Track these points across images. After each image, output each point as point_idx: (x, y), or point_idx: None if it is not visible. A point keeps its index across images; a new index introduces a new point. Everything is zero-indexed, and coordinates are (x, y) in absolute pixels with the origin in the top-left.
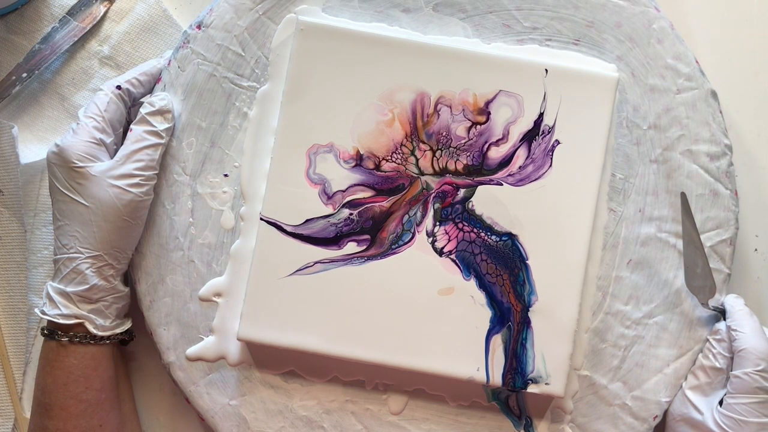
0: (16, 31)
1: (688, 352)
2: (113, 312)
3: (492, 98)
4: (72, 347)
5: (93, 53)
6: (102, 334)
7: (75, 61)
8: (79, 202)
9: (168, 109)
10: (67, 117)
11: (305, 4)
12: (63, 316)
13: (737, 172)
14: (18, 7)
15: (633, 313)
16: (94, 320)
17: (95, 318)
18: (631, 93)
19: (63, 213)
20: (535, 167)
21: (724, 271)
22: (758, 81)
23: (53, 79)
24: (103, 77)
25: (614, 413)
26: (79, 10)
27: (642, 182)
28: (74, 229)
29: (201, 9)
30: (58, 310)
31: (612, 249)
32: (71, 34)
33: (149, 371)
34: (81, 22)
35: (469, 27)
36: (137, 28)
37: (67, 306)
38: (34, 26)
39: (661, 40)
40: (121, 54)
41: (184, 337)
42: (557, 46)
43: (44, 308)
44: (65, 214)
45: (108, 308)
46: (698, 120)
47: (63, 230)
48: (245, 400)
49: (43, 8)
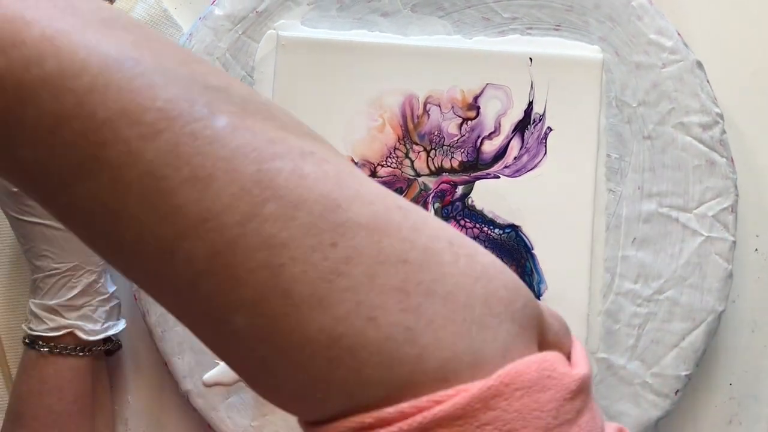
0: None
1: (702, 323)
2: (102, 315)
3: (480, 92)
4: (51, 357)
5: None
6: (94, 339)
7: None
8: (38, 224)
9: None
10: None
11: (284, 19)
12: (51, 329)
13: (738, 169)
14: None
15: (643, 290)
16: (82, 327)
17: (84, 324)
18: (618, 72)
19: (26, 237)
20: (530, 157)
21: (726, 269)
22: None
23: None
24: None
25: (635, 392)
26: None
27: (637, 160)
28: (43, 249)
29: (201, 9)
30: (45, 324)
31: (615, 229)
32: None
33: (149, 371)
34: None
35: (449, 24)
36: None
37: (53, 319)
38: None
39: (641, 16)
40: None
41: (200, 364)
42: (539, 33)
43: (30, 325)
44: (28, 237)
45: (95, 312)
46: (687, 92)
47: (32, 252)
48: (267, 420)
49: None
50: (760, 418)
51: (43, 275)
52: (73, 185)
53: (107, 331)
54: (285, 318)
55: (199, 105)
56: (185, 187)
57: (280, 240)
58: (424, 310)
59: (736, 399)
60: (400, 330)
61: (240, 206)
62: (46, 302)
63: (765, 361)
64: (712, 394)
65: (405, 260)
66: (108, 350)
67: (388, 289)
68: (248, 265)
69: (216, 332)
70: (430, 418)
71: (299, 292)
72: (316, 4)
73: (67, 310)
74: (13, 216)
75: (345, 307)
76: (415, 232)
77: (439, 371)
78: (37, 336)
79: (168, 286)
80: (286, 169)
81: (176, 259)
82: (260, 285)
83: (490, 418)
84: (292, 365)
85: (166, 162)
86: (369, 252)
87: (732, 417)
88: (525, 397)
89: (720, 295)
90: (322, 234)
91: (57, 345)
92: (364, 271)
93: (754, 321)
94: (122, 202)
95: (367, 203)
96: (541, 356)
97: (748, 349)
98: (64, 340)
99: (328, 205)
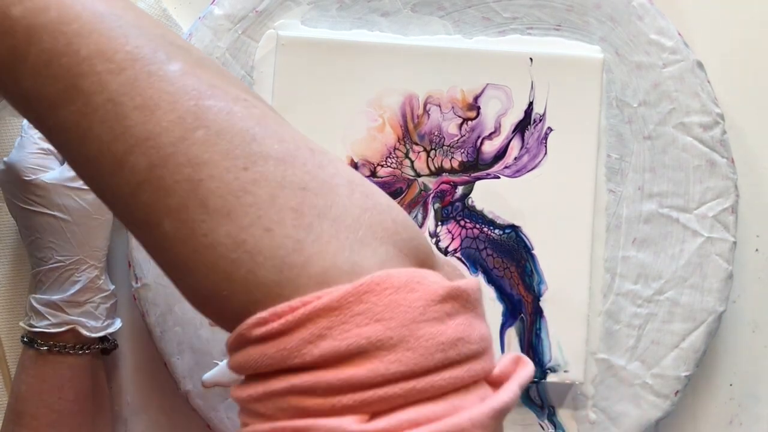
0: None
1: (702, 324)
2: (103, 312)
3: (480, 92)
4: (50, 356)
5: None
6: (95, 336)
7: None
8: (45, 214)
9: None
10: None
11: (284, 19)
12: (53, 325)
13: (739, 170)
14: None
15: (643, 291)
16: (84, 323)
17: (86, 321)
18: (618, 72)
19: (31, 228)
20: (530, 157)
21: (726, 270)
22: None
23: None
24: None
25: (635, 393)
26: None
27: (638, 160)
28: (48, 241)
29: (201, 9)
30: (47, 320)
31: (615, 230)
32: None
33: (148, 372)
34: None
35: (449, 24)
36: None
37: (55, 315)
38: None
39: (641, 16)
40: None
41: (199, 365)
42: (539, 33)
43: (31, 321)
44: (34, 228)
45: (97, 309)
46: (687, 92)
47: (36, 244)
48: None
49: None
50: (761, 418)
51: (46, 268)
52: (57, 109)
53: (107, 329)
54: (201, 224)
55: (159, 53)
56: (136, 113)
57: (202, 160)
58: (313, 228)
59: (736, 399)
60: (290, 242)
61: (175, 130)
62: (48, 297)
63: (765, 361)
64: (712, 395)
65: (304, 188)
66: (104, 349)
67: (286, 208)
68: (175, 177)
69: (150, 236)
70: (311, 309)
71: (213, 203)
72: (316, 4)
73: (70, 306)
74: (19, 206)
75: (248, 219)
76: (319, 169)
77: (321, 276)
78: (36, 333)
79: (118, 194)
80: (218, 107)
81: (124, 170)
82: (183, 195)
83: (361, 309)
84: (205, 265)
85: (124, 92)
86: (274, 178)
87: (732, 417)
88: (394, 294)
89: (720, 295)
90: (237, 159)
91: (56, 343)
92: (267, 192)
93: (755, 321)
94: (89, 123)
95: (280, 140)
96: (413, 269)
97: (749, 349)
98: (64, 338)
99: (246, 138)
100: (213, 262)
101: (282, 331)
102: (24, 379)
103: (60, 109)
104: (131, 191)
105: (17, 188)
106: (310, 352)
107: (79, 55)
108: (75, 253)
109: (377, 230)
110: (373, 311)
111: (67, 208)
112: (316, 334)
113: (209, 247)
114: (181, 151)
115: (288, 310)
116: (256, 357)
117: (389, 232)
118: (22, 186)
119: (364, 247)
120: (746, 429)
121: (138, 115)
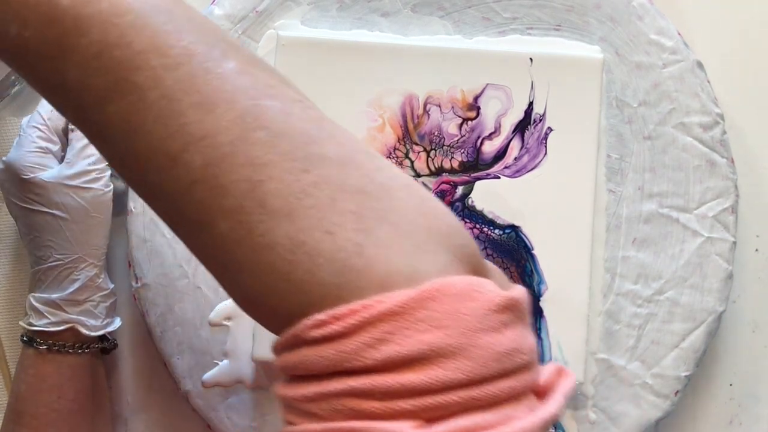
0: None
1: (702, 324)
2: (102, 311)
3: (480, 92)
4: (49, 356)
5: None
6: (94, 334)
7: None
8: (43, 212)
9: None
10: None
11: (284, 19)
12: (52, 324)
13: (738, 170)
14: None
15: (643, 291)
16: (84, 322)
17: (86, 320)
18: (618, 72)
19: (30, 226)
20: (530, 157)
21: (726, 270)
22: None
23: None
24: None
25: (635, 393)
26: None
27: (638, 160)
28: (46, 239)
29: (201, 9)
30: (47, 319)
31: (615, 230)
32: None
33: (149, 372)
34: None
35: (449, 24)
36: None
37: (55, 313)
38: None
39: (641, 16)
40: None
41: (199, 364)
42: (539, 33)
43: (30, 320)
44: (33, 227)
45: (96, 307)
46: (687, 92)
47: (35, 243)
48: (267, 420)
49: None
50: (761, 418)
51: (45, 267)
52: (106, 103)
53: (106, 328)
54: (259, 224)
55: (215, 50)
56: (192, 110)
57: (262, 161)
58: (374, 231)
59: (736, 399)
60: (351, 244)
61: (234, 129)
62: (47, 296)
63: (765, 361)
64: (712, 395)
65: (363, 191)
66: (104, 348)
67: (346, 211)
68: (233, 177)
69: (202, 236)
70: (373, 313)
71: (272, 204)
72: (316, 4)
73: (69, 305)
74: (18, 205)
75: (308, 221)
76: (377, 172)
77: (382, 279)
78: (36, 332)
79: (167, 192)
80: (277, 107)
81: (177, 168)
82: (240, 195)
83: (422, 316)
84: (261, 265)
85: (181, 88)
86: (334, 181)
87: (732, 417)
88: (454, 302)
89: (720, 295)
90: (297, 161)
91: (55, 342)
92: (328, 195)
93: (755, 321)
94: (142, 118)
95: (339, 144)
96: (471, 277)
97: (749, 349)
98: (63, 337)
99: (306, 140)
100: (270, 263)
101: (342, 334)
102: (24, 378)
103: (109, 103)
104: (183, 189)
105: (16, 187)
106: (371, 355)
107: (132, 49)
108: (74, 252)
109: (435, 235)
110: (434, 318)
111: (66, 206)
112: (378, 338)
113: (267, 248)
114: (240, 151)
115: (348, 313)
116: (313, 358)
117: (446, 238)
118: (21, 185)
119: (422, 252)
120: (746, 429)
121: (194, 112)
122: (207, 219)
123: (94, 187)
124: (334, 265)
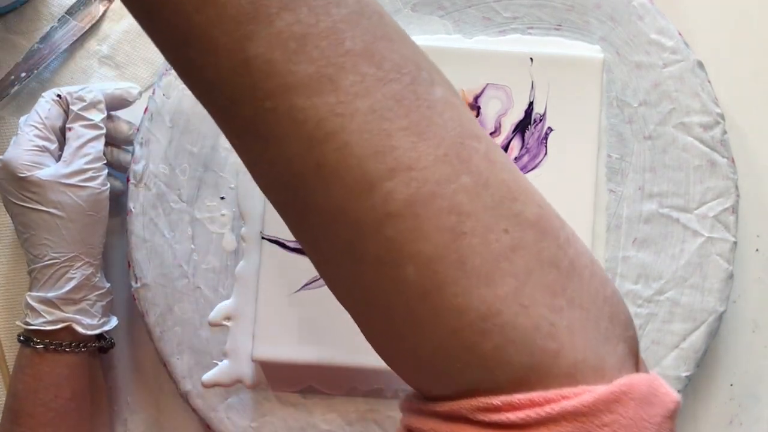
0: (15, 30)
1: (702, 324)
2: (99, 310)
3: (480, 92)
4: (47, 355)
5: (92, 53)
6: (91, 333)
7: (74, 60)
8: (40, 211)
9: (99, 100)
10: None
11: None
12: (49, 323)
13: (739, 170)
14: (17, 6)
15: (643, 291)
16: (80, 321)
17: (82, 318)
18: (618, 72)
19: (27, 225)
20: (530, 157)
21: (727, 270)
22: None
23: (52, 78)
24: (102, 77)
25: None
26: (77, 9)
27: (638, 160)
28: (43, 238)
29: None
30: (43, 317)
31: (616, 230)
32: (70, 34)
33: (148, 372)
34: (80, 22)
35: (449, 23)
36: (136, 27)
37: (51, 312)
38: (33, 26)
39: (642, 16)
40: (120, 53)
41: (199, 365)
42: (539, 33)
43: (27, 319)
44: (29, 225)
45: (93, 306)
46: (687, 92)
47: (31, 241)
48: (266, 420)
49: (42, 8)
50: (761, 418)
51: (41, 265)
52: (296, 95)
53: (103, 327)
54: (454, 283)
55: (423, 72)
56: (401, 134)
57: (465, 210)
58: (565, 313)
59: (736, 400)
60: (545, 324)
61: (442, 169)
62: (43, 295)
63: (765, 361)
64: (712, 395)
65: (557, 266)
66: (101, 348)
67: (541, 286)
68: (436, 222)
69: (381, 278)
70: (558, 410)
71: (472, 263)
72: None
73: (66, 304)
74: (14, 203)
75: (505, 289)
76: (567, 244)
77: (569, 369)
78: (32, 331)
79: (350, 219)
80: (482, 151)
81: (374, 195)
82: (441, 245)
83: (608, 420)
84: (445, 329)
85: (389, 107)
86: (532, 248)
87: (733, 418)
88: (638, 407)
89: (721, 295)
90: (499, 218)
91: (52, 341)
92: (525, 263)
93: (755, 321)
94: (340, 124)
95: (537, 205)
96: (649, 375)
97: (749, 349)
98: (60, 336)
99: (507, 194)
100: (456, 327)
101: (516, 425)
102: (21, 377)
103: (301, 96)
104: (374, 220)
105: (12, 185)
106: None
107: (341, 48)
108: (70, 250)
109: (616, 325)
110: (620, 423)
111: (62, 204)
112: None
113: (456, 310)
114: (445, 194)
115: (527, 404)
116: None
117: (623, 328)
118: (18, 183)
119: (606, 343)
120: (746, 429)
121: (403, 137)
122: (392, 259)
123: (90, 185)
124: (526, 344)
